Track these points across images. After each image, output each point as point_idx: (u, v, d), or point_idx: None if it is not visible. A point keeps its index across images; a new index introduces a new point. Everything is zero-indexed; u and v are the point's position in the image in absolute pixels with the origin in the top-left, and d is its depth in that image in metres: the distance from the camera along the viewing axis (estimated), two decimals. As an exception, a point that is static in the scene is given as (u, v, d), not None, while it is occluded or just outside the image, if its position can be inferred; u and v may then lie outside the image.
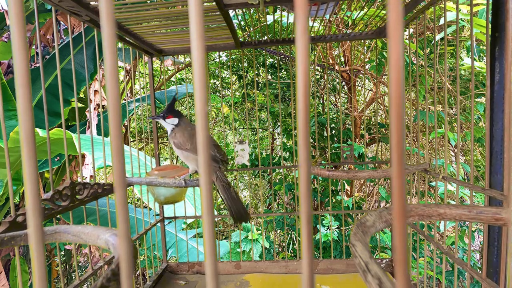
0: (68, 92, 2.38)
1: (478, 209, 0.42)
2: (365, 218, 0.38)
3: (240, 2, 0.84)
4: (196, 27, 0.15)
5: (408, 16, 1.05)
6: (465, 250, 2.31)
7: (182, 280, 1.22)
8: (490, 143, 0.72)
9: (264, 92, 3.38)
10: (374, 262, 0.25)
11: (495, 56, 0.71)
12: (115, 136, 0.15)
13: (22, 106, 0.16)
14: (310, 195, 0.16)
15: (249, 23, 1.45)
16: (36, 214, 0.15)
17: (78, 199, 0.77)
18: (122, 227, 0.15)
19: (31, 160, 0.16)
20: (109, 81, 0.15)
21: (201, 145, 0.15)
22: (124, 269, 0.15)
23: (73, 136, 1.61)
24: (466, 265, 0.75)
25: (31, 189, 0.15)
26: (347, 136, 2.72)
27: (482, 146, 2.91)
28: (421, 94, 2.26)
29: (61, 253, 3.00)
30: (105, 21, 0.15)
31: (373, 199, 3.48)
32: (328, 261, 1.24)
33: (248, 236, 2.23)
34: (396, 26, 0.14)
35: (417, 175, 1.91)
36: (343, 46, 2.83)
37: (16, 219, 0.58)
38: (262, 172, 3.30)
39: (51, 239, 0.46)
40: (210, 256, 0.15)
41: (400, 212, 0.15)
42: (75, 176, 2.79)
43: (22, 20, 0.15)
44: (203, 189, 0.15)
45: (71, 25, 2.33)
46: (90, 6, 0.78)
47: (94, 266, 0.85)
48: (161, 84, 3.75)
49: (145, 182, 1.01)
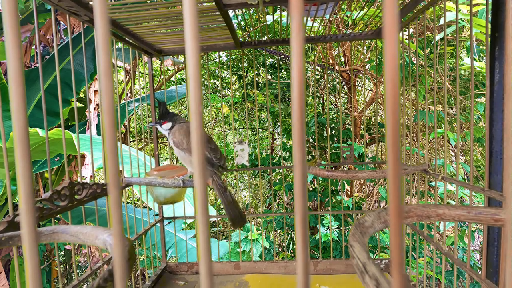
0: (68, 92, 2.38)
1: (477, 209, 0.41)
2: (363, 218, 0.38)
3: (239, 2, 0.84)
4: (190, 27, 0.15)
5: (408, 16, 1.05)
6: (465, 250, 2.30)
7: (181, 280, 1.22)
8: (490, 143, 0.72)
9: (264, 92, 3.38)
10: (372, 263, 0.25)
11: (495, 56, 0.71)
12: (109, 136, 0.15)
13: (15, 105, 0.15)
14: (306, 196, 0.16)
15: (249, 23, 1.44)
16: (29, 214, 0.15)
17: (77, 199, 0.77)
18: (116, 227, 0.15)
19: (24, 160, 0.15)
20: (103, 78, 0.15)
21: (195, 145, 0.15)
22: (117, 269, 0.15)
23: (73, 136, 1.61)
24: (466, 266, 0.75)
25: (25, 189, 0.15)
26: (347, 136, 2.72)
27: (482, 146, 2.91)
28: (421, 94, 2.26)
29: (61, 253, 3.00)
30: (98, 17, 0.15)
31: (373, 199, 3.48)
32: (327, 262, 1.24)
33: (248, 236, 2.23)
34: (391, 27, 0.14)
35: (417, 175, 1.91)
36: (343, 46, 2.83)
37: (14, 219, 0.58)
38: (262, 172, 3.30)
39: (49, 239, 0.46)
40: (205, 256, 0.15)
41: (396, 212, 0.15)
42: (75, 176, 2.79)
43: (16, 17, 0.15)
44: (198, 189, 0.15)
45: (71, 25, 2.33)
46: (89, 6, 0.78)
47: (93, 266, 0.85)
48: (161, 84, 3.75)
49: (145, 182, 1.01)
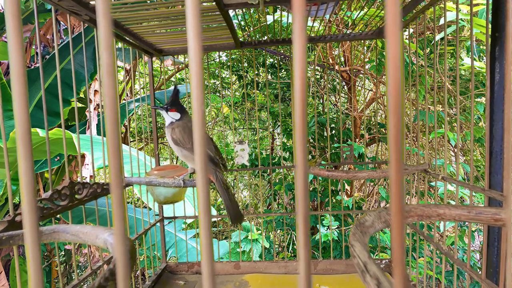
0: (68, 92, 2.38)
1: (477, 209, 0.41)
2: (364, 218, 0.38)
3: (240, 2, 0.84)
4: (193, 26, 0.15)
5: (408, 16, 1.05)
6: (465, 250, 2.30)
7: (181, 280, 1.22)
8: (490, 143, 0.72)
9: (264, 92, 3.38)
10: (373, 263, 0.25)
11: (495, 56, 0.70)
12: (111, 135, 0.15)
13: (18, 104, 0.15)
14: (308, 196, 0.16)
15: (249, 23, 1.44)
16: (32, 214, 0.15)
17: (77, 199, 0.77)
18: (118, 226, 0.15)
19: (27, 160, 0.16)
20: (106, 75, 0.15)
21: (198, 143, 0.15)
22: (120, 269, 0.15)
23: (73, 136, 1.61)
24: (466, 266, 0.75)
25: (27, 188, 0.15)
26: (347, 136, 2.72)
27: (482, 146, 2.91)
28: (421, 94, 2.26)
29: (61, 253, 3.00)
30: (101, 16, 0.15)
31: (373, 199, 3.48)
32: (327, 262, 1.24)
33: (248, 236, 2.23)
34: (393, 27, 0.14)
35: (417, 175, 1.91)
36: (343, 46, 2.83)
37: (14, 218, 0.58)
38: (262, 172, 3.30)
39: (49, 238, 0.46)
40: (207, 256, 0.15)
41: (398, 212, 0.15)
42: (75, 176, 2.79)
43: (18, 16, 0.15)
44: (200, 189, 0.15)
45: (71, 25, 2.33)
46: (89, 6, 0.78)
47: (93, 266, 0.85)
48: (161, 84, 3.75)
49: (145, 182, 1.01)
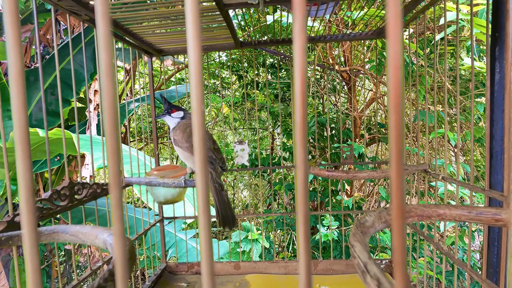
0: (68, 92, 2.38)
1: (477, 209, 0.41)
2: (364, 218, 0.38)
3: (240, 2, 0.84)
4: (192, 26, 0.15)
5: (408, 16, 1.05)
6: (465, 250, 2.30)
7: (181, 281, 1.22)
8: (490, 143, 0.72)
9: (264, 92, 3.38)
10: (373, 263, 0.25)
11: (495, 56, 0.70)
12: (110, 135, 0.15)
13: (16, 104, 0.15)
14: (308, 196, 0.16)
15: (249, 23, 1.44)
16: (30, 214, 0.15)
17: (77, 199, 0.77)
18: (117, 227, 0.15)
19: (25, 160, 0.15)
20: (105, 76, 0.15)
21: (197, 144, 0.15)
22: (119, 269, 0.15)
23: (73, 136, 1.61)
24: (466, 266, 0.75)
25: (25, 188, 0.15)
26: (347, 136, 2.72)
27: (482, 146, 2.91)
28: (421, 94, 2.26)
29: (61, 253, 3.00)
30: (100, 16, 0.15)
31: (373, 199, 3.48)
32: (327, 262, 1.24)
33: (248, 236, 2.23)
34: (395, 27, 0.14)
35: (417, 175, 1.91)
36: (343, 46, 2.83)
37: (14, 219, 0.58)
38: (262, 172, 3.30)
39: (49, 239, 0.46)
40: (207, 256, 0.15)
41: (399, 212, 0.15)
42: (75, 176, 2.79)
43: (17, 17, 0.15)
44: (199, 189, 0.15)
45: (71, 25, 2.32)
46: (89, 6, 0.78)
47: (93, 266, 0.85)
48: (161, 84, 3.74)
49: (145, 182, 1.00)
